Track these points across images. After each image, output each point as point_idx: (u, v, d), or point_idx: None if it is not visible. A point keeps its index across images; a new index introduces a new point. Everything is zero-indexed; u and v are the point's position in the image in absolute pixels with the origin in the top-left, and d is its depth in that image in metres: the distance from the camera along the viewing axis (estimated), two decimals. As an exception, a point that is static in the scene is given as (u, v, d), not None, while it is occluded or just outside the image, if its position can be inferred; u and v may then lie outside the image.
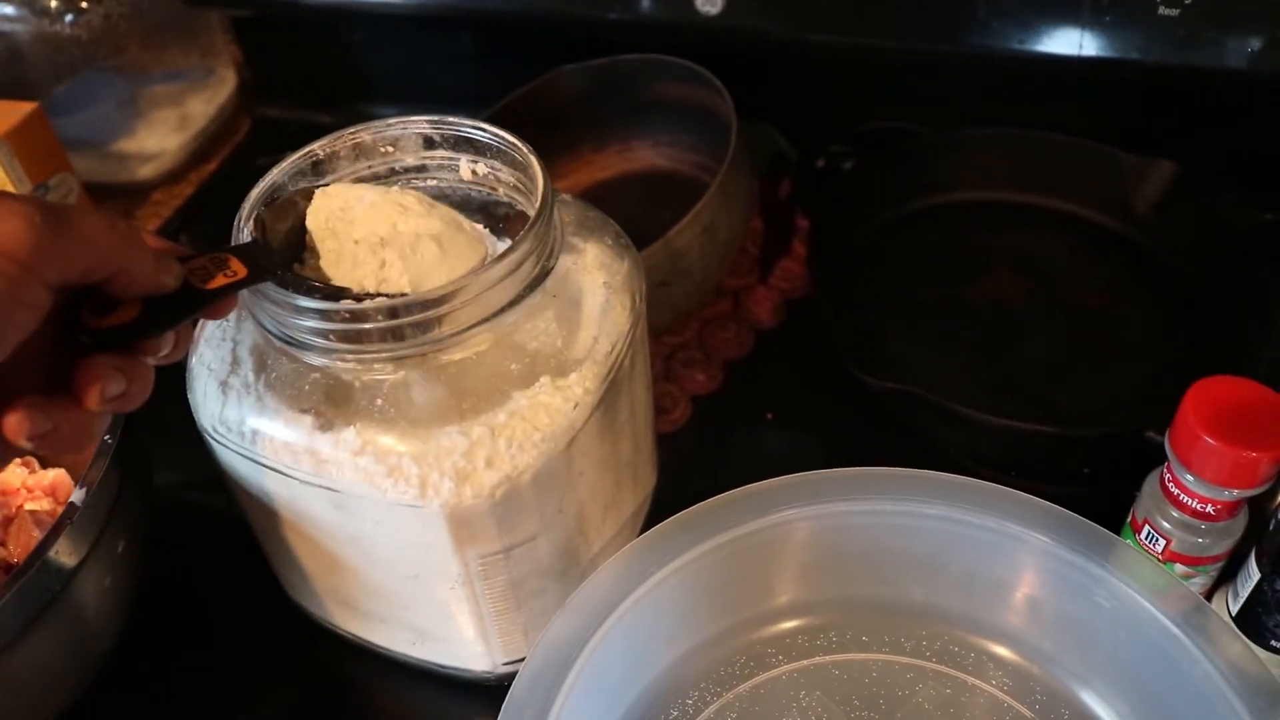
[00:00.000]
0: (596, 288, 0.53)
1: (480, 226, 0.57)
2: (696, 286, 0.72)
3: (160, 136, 0.99)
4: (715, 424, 0.75)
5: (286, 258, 0.53)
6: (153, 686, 0.63)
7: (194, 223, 0.95)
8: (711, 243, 0.70)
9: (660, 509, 0.58)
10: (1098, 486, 0.68)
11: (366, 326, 0.47)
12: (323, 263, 0.52)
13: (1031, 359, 0.77)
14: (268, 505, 0.54)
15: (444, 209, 0.54)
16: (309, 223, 0.53)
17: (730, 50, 0.83)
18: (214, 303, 0.46)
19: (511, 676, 0.50)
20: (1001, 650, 0.59)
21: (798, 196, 0.87)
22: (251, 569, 0.63)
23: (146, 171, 0.97)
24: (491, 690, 0.58)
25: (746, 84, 0.79)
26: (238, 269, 0.47)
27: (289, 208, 0.54)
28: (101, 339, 0.41)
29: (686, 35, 0.85)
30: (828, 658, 0.60)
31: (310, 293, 0.49)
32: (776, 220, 0.86)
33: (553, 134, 0.85)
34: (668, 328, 0.76)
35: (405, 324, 0.47)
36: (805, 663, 0.60)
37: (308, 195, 0.54)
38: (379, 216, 0.52)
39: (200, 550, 0.68)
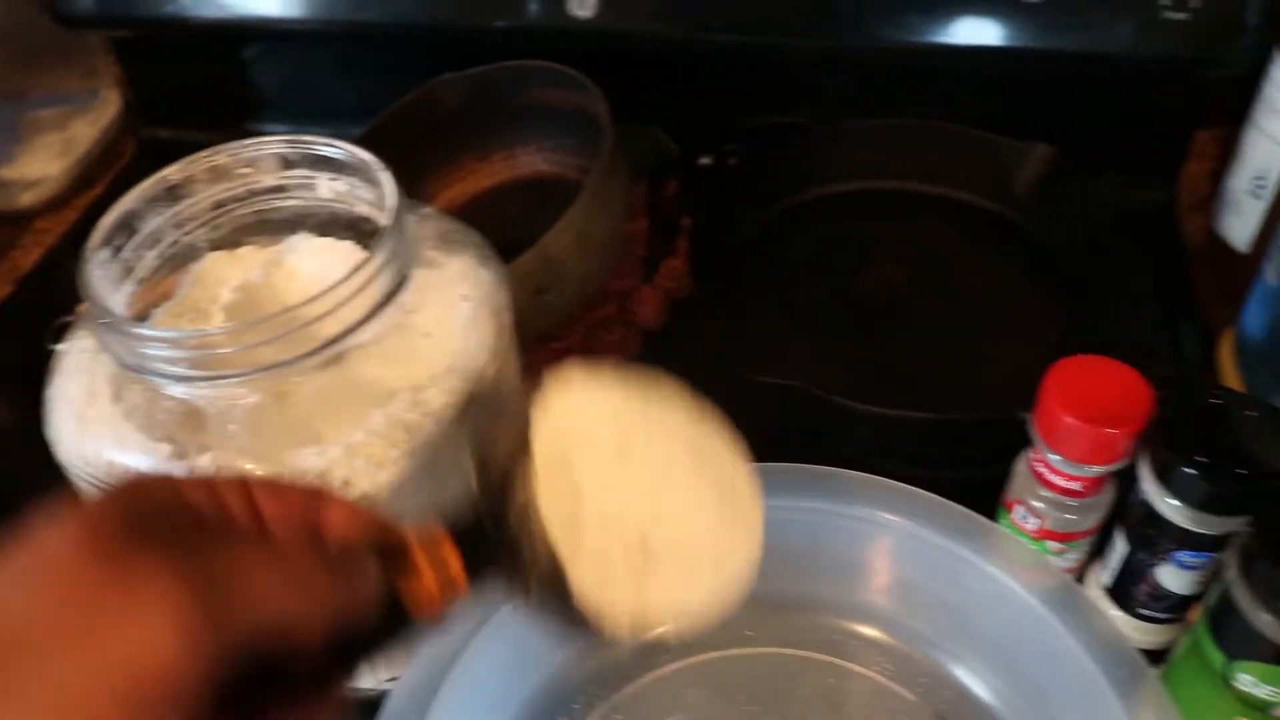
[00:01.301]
0: (456, 301, 0.53)
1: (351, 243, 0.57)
2: (575, 291, 0.72)
3: (43, 162, 0.97)
4: (603, 428, 0.75)
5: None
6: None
7: (79, 251, 0.94)
8: (587, 246, 0.70)
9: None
10: (983, 470, 0.68)
11: (214, 352, 0.47)
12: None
13: (915, 347, 0.78)
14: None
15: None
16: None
17: (606, 52, 0.83)
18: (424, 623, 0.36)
19: (394, 693, 0.50)
20: (882, 636, 0.61)
21: (682, 195, 0.88)
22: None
23: (28, 199, 0.95)
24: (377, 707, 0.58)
25: (630, 86, 0.79)
26: (455, 571, 0.36)
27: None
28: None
29: (563, 39, 0.86)
30: (714, 654, 0.61)
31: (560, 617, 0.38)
32: (662, 221, 0.86)
33: (435, 144, 0.85)
34: (550, 333, 0.76)
35: (255, 347, 0.47)
36: (691, 660, 0.60)
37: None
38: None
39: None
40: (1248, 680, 0.50)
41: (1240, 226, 0.79)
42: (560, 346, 0.77)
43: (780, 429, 0.72)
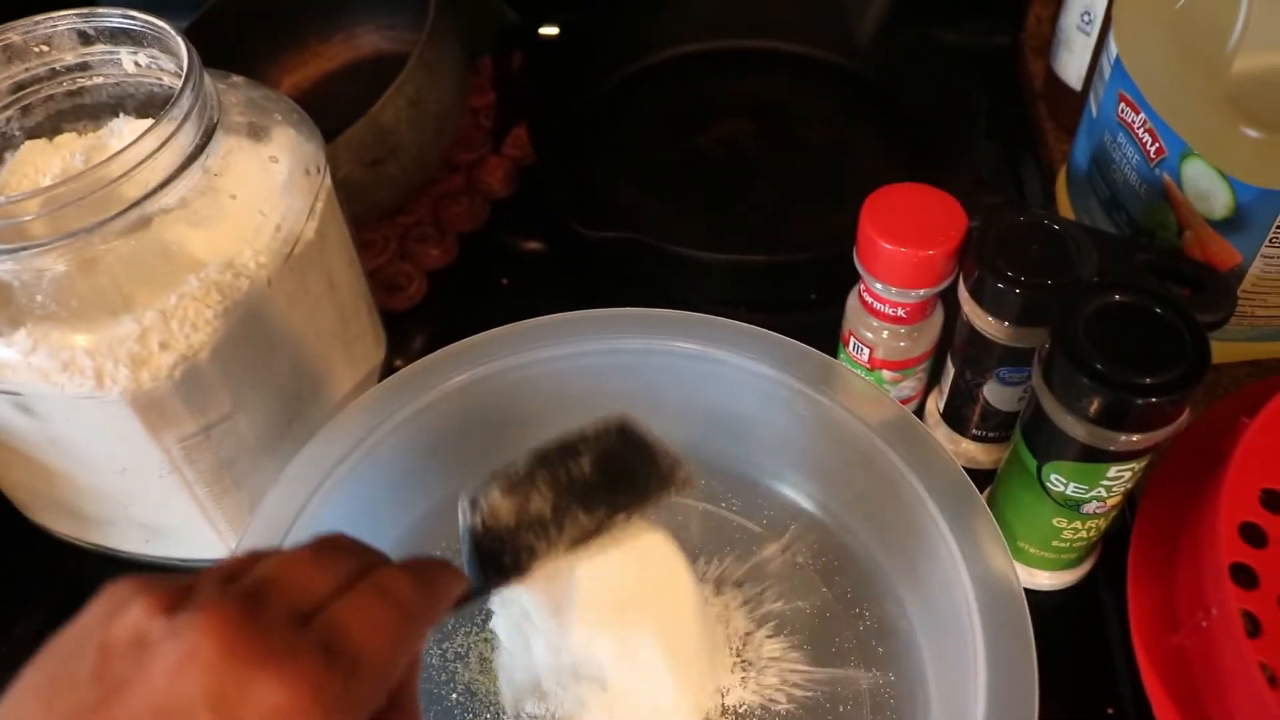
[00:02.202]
0: (265, 163, 0.53)
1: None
2: (413, 161, 0.72)
3: None
4: (452, 297, 0.75)
5: None
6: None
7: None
8: (421, 116, 0.70)
9: (396, 384, 0.58)
10: (825, 312, 0.70)
11: (15, 221, 0.46)
12: None
13: (762, 199, 0.79)
14: (-38, 424, 0.53)
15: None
16: None
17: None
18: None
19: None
20: (725, 472, 0.62)
21: (527, 66, 0.87)
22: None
23: None
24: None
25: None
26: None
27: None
28: None
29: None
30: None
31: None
32: (509, 92, 0.86)
33: (271, 29, 0.83)
34: (398, 208, 0.76)
35: (53, 214, 0.46)
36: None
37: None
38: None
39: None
40: (1058, 480, 0.53)
41: (1073, 64, 0.80)
42: (408, 220, 0.77)
43: (627, 288, 0.73)
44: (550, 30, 0.88)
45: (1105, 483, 0.52)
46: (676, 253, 0.69)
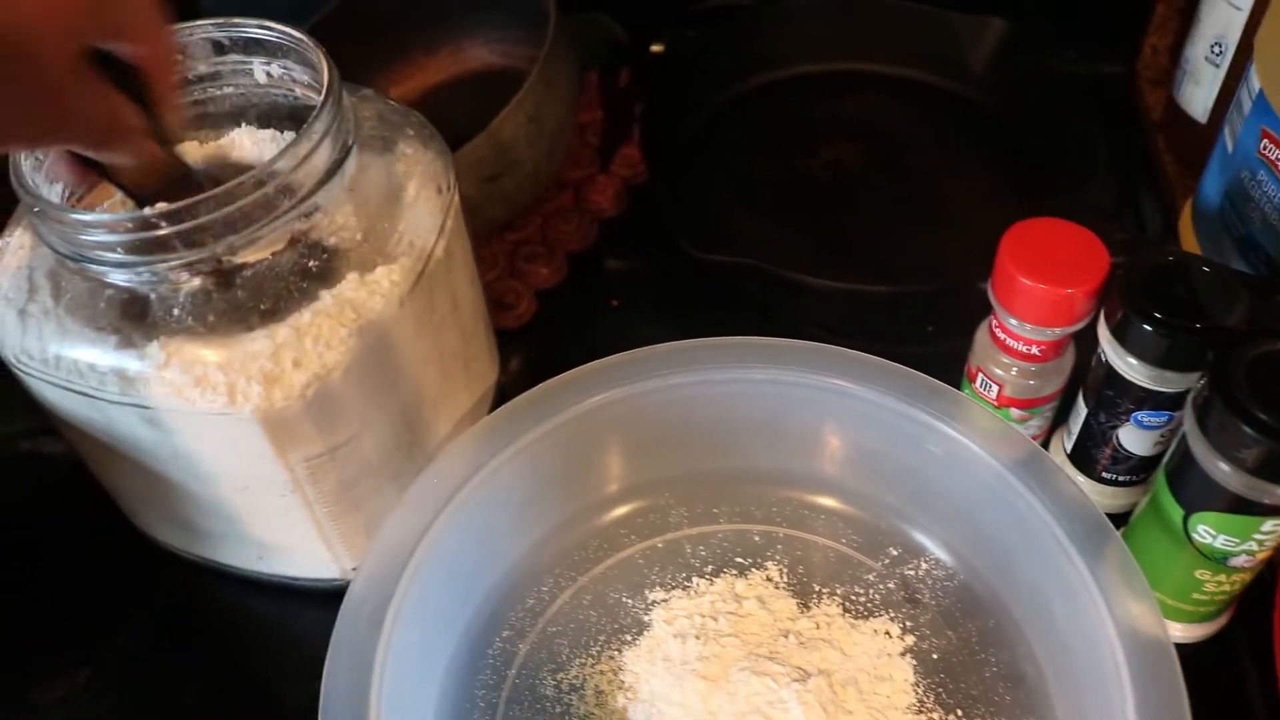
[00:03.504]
0: (398, 179, 0.52)
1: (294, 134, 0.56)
2: (529, 177, 0.71)
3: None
4: (561, 316, 0.74)
5: None
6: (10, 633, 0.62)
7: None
8: (539, 132, 0.69)
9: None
10: (943, 343, 0.68)
11: (153, 235, 0.46)
12: None
13: (872, 224, 0.77)
14: (88, 433, 0.53)
15: None
16: None
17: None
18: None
19: (363, 581, 0.50)
20: (845, 507, 0.60)
21: (635, 83, 0.86)
22: (97, 507, 0.61)
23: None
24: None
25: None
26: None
27: None
28: None
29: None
30: (679, 533, 0.61)
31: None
32: (617, 109, 0.85)
33: (378, 41, 0.83)
34: (508, 223, 0.75)
35: (193, 228, 0.46)
36: (656, 540, 0.60)
37: None
38: None
39: (44, 496, 0.67)
40: (1205, 531, 0.51)
41: (1199, 96, 0.78)
42: (517, 236, 0.76)
43: (737, 311, 0.72)
44: (658, 47, 0.87)
45: (1259, 536, 0.50)
46: (792, 279, 0.67)
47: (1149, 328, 0.52)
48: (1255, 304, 0.52)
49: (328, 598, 0.60)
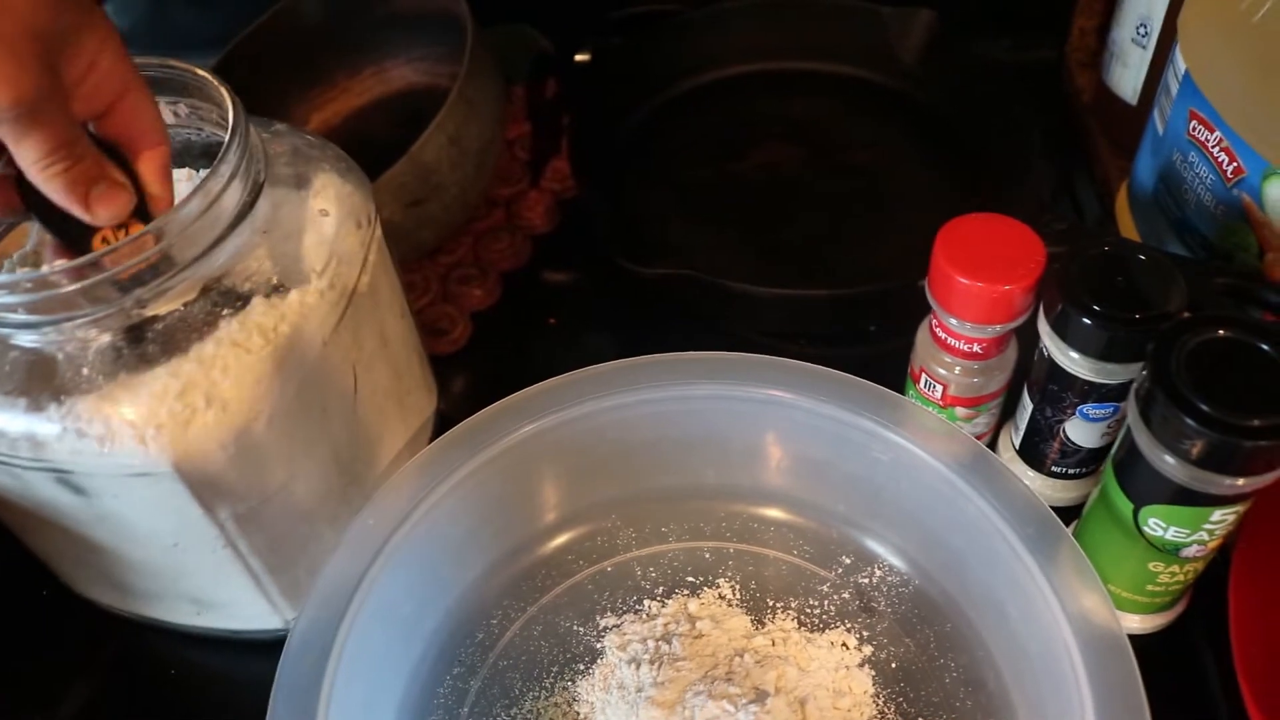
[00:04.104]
0: (315, 217, 0.51)
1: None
2: (455, 199, 0.69)
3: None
4: (497, 338, 0.73)
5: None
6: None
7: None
8: (463, 153, 0.67)
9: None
10: (887, 344, 0.67)
11: (56, 293, 0.44)
12: None
13: (811, 226, 0.76)
14: (6, 500, 0.51)
15: None
16: None
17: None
18: None
19: (308, 630, 0.48)
20: (796, 519, 0.60)
21: (563, 95, 0.85)
22: (27, 569, 0.59)
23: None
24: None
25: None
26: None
27: None
28: None
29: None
30: (629, 555, 0.59)
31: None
32: (545, 122, 0.83)
33: (298, 65, 0.81)
34: (438, 246, 0.74)
35: (97, 284, 0.44)
36: (605, 564, 0.59)
37: None
38: None
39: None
40: (1156, 524, 0.50)
41: (1127, 78, 0.78)
42: (449, 259, 0.74)
43: (678, 324, 0.71)
44: (584, 56, 0.86)
45: (1209, 526, 0.49)
46: (730, 288, 0.66)
47: (1089, 321, 0.52)
48: (1193, 287, 0.52)
49: (272, 647, 0.58)
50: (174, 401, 0.45)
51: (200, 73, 0.51)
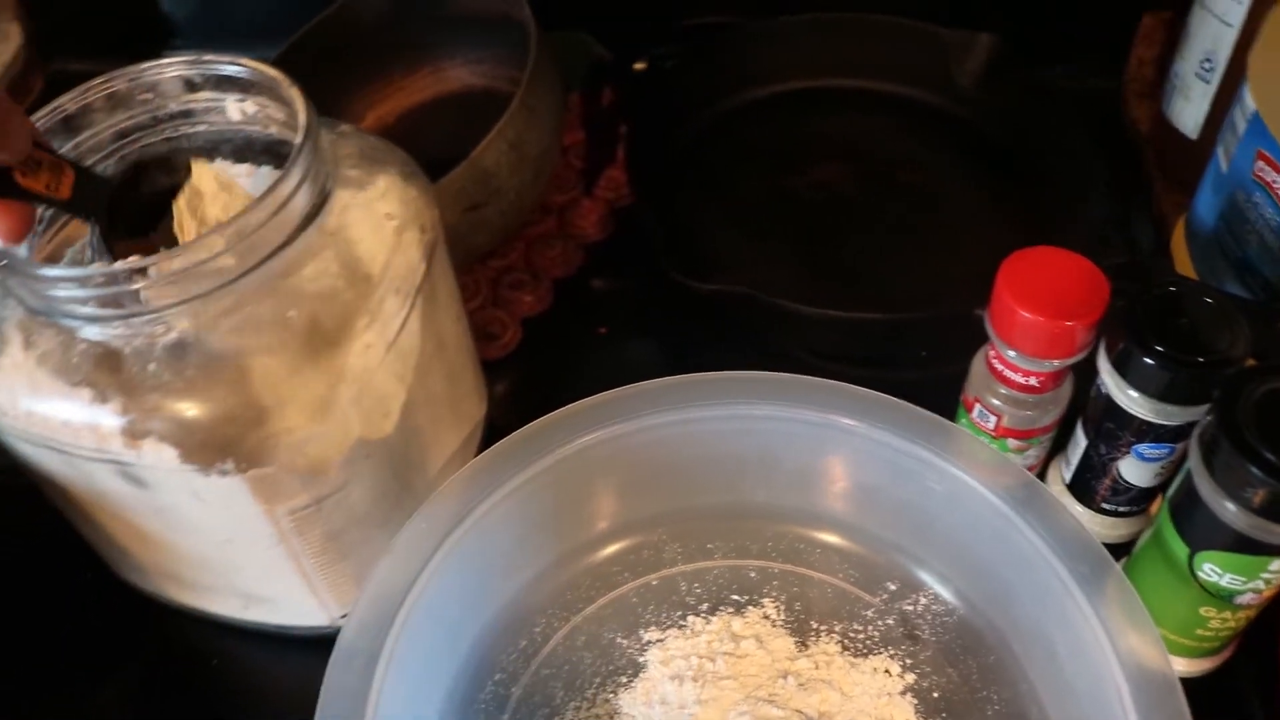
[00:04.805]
0: (380, 221, 0.51)
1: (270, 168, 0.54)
2: (512, 205, 0.69)
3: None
4: (547, 345, 0.73)
5: (140, 218, 0.51)
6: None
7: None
8: (521, 159, 0.67)
9: (495, 439, 0.56)
10: (937, 369, 0.67)
11: (125, 289, 0.44)
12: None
13: (863, 247, 0.76)
14: (64, 488, 0.51)
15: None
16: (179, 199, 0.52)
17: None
18: (16, 199, 0.45)
19: (353, 628, 0.48)
20: (843, 542, 0.59)
21: (619, 103, 0.85)
22: (78, 553, 0.59)
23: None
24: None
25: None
26: (65, 188, 0.47)
27: (167, 171, 0.53)
28: None
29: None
30: (674, 569, 0.59)
31: (108, 254, 0.48)
32: (600, 130, 0.83)
33: (356, 62, 0.81)
34: (491, 251, 0.74)
35: (167, 282, 0.44)
36: (651, 577, 0.59)
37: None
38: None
39: (17, 540, 0.65)
40: (1211, 570, 0.50)
41: (1189, 111, 0.77)
42: (501, 264, 0.74)
43: (728, 337, 0.71)
44: (641, 66, 0.86)
45: (1266, 575, 0.49)
46: (784, 307, 0.66)
47: (1151, 361, 0.51)
48: (1256, 332, 0.52)
49: (315, 643, 0.59)
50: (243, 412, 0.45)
51: (271, 72, 0.51)
